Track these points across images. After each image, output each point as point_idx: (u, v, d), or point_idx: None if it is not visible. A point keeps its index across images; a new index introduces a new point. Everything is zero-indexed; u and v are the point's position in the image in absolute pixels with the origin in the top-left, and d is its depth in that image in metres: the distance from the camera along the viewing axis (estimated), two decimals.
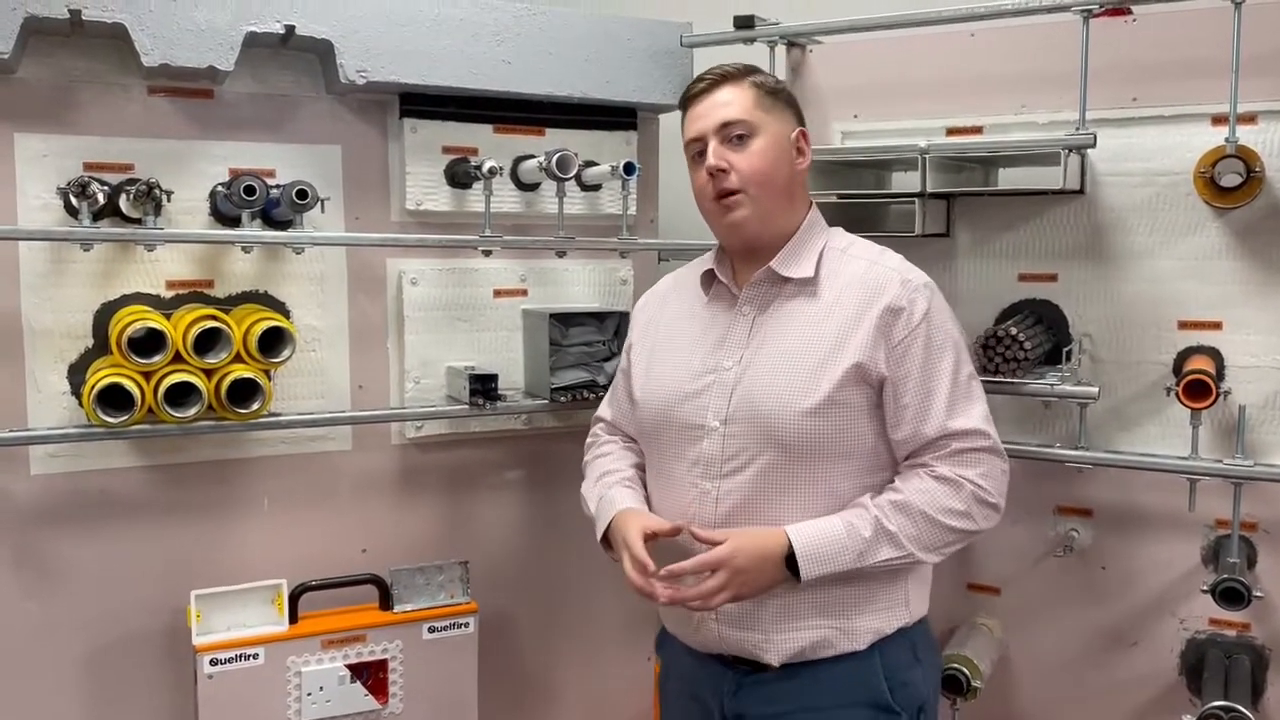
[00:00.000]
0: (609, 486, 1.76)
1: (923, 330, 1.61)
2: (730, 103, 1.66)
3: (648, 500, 1.75)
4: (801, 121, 1.73)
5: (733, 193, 1.64)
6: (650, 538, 1.61)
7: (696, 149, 1.69)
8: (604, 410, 1.93)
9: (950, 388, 1.62)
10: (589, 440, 1.92)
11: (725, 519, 1.61)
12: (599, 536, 1.71)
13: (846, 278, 1.66)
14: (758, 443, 1.61)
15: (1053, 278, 2.14)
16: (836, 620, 1.61)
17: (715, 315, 1.72)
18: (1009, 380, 2.00)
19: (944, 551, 1.63)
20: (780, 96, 1.71)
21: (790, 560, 1.55)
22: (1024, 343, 1.99)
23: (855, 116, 2.30)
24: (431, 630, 2.08)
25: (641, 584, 1.58)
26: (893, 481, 1.65)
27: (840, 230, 1.76)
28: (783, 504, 1.60)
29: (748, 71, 1.70)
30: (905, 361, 1.60)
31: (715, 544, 1.55)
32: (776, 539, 1.56)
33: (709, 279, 1.75)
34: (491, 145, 2.21)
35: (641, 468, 1.81)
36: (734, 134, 1.65)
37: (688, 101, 1.72)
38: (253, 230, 1.95)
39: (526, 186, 2.25)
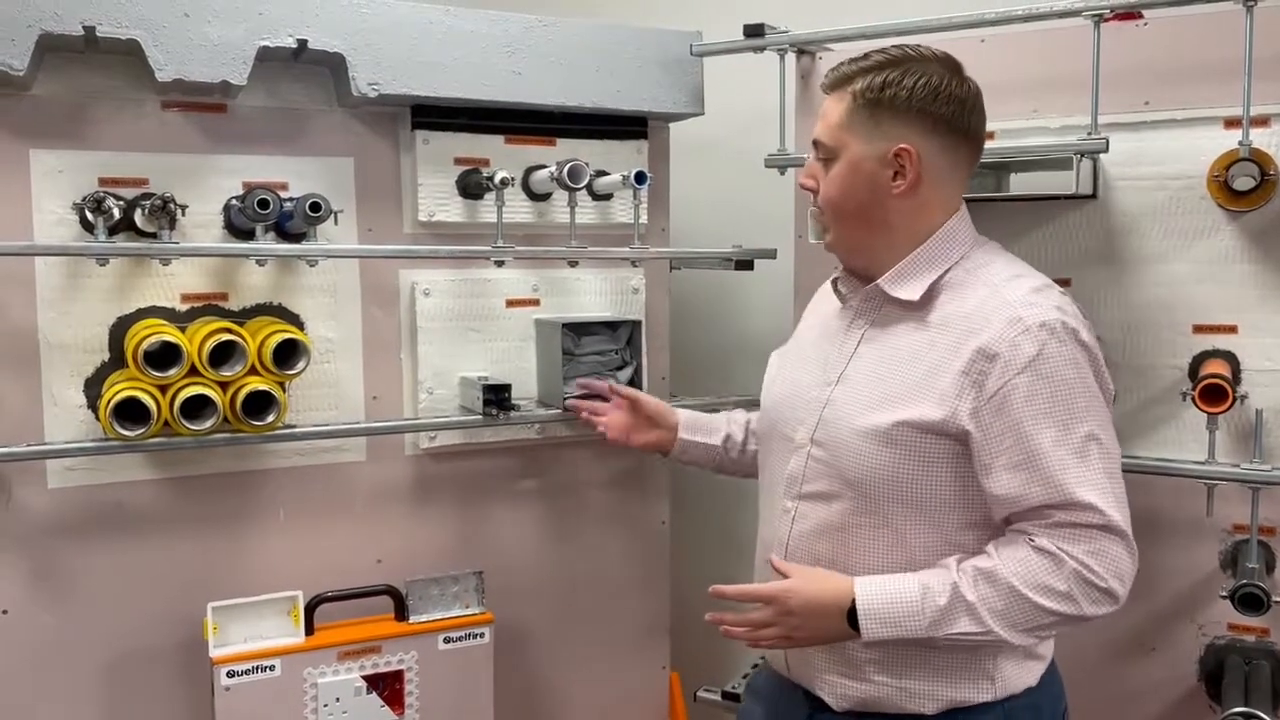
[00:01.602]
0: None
1: (1024, 381, 1.41)
2: (826, 115, 1.56)
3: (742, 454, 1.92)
4: (928, 130, 1.51)
5: (823, 211, 1.59)
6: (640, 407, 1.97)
7: None
8: None
9: (1053, 451, 1.41)
10: None
11: (797, 542, 1.56)
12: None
13: (957, 305, 1.50)
14: (831, 473, 1.53)
15: (1066, 283, 2.12)
16: (899, 680, 1.52)
17: (839, 322, 1.64)
18: None
19: (1037, 634, 1.46)
20: (884, 106, 1.50)
21: (853, 614, 1.45)
22: None
23: None
24: (447, 641, 2.08)
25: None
26: (979, 543, 1.50)
27: (991, 246, 1.60)
28: (848, 543, 1.52)
29: (860, 74, 1.53)
30: (1002, 416, 1.42)
31: (776, 568, 1.51)
32: (841, 590, 1.45)
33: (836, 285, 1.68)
34: (503, 156, 2.21)
35: (744, 426, 1.93)
36: (820, 155, 1.57)
37: None
38: (266, 243, 1.96)
39: (538, 196, 2.25)
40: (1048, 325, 1.43)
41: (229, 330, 1.89)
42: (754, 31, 2.27)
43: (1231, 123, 1.91)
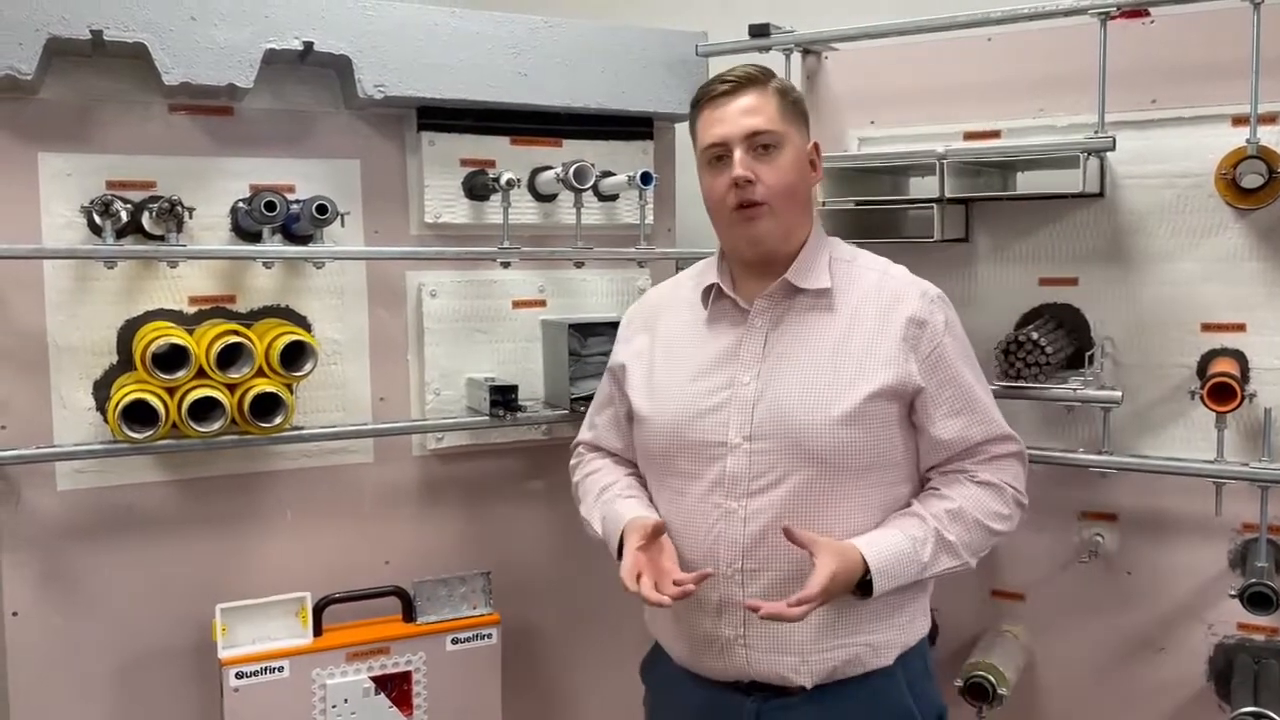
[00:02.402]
0: (610, 502, 1.73)
1: (948, 340, 1.62)
2: (758, 110, 1.61)
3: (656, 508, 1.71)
4: (807, 136, 1.70)
5: (756, 204, 1.60)
6: (649, 542, 1.57)
7: (716, 154, 1.62)
8: (583, 435, 1.89)
9: (980, 395, 1.65)
10: (573, 463, 1.90)
11: (756, 538, 1.57)
12: (614, 554, 1.65)
13: (861, 289, 1.65)
14: (789, 459, 1.57)
15: (1073, 281, 2.12)
16: (867, 635, 1.59)
17: (721, 329, 1.68)
18: (1031, 385, 1.99)
19: (982, 554, 1.66)
20: (800, 108, 1.68)
21: (863, 578, 1.53)
22: (1045, 347, 1.98)
23: (872, 123, 2.30)
24: (455, 641, 2.08)
25: (634, 589, 1.53)
26: (919, 490, 1.66)
27: (839, 240, 1.75)
28: (817, 519, 1.56)
29: (770, 76, 1.66)
30: (938, 371, 1.61)
31: (801, 542, 1.49)
32: (857, 560, 1.52)
33: (708, 294, 1.70)
34: (509, 157, 2.22)
35: (635, 475, 1.78)
36: (761, 144, 1.60)
37: (706, 102, 1.65)
38: (273, 245, 1.97)
39: (544, 197, 2.25)
40: (941, 296, 1.67)
41: (236, 332, 1.89)
42: (759, 32, 2.27)
43: (1239, 120, 1.91)
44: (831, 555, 1.50)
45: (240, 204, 1.99)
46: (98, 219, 1.84)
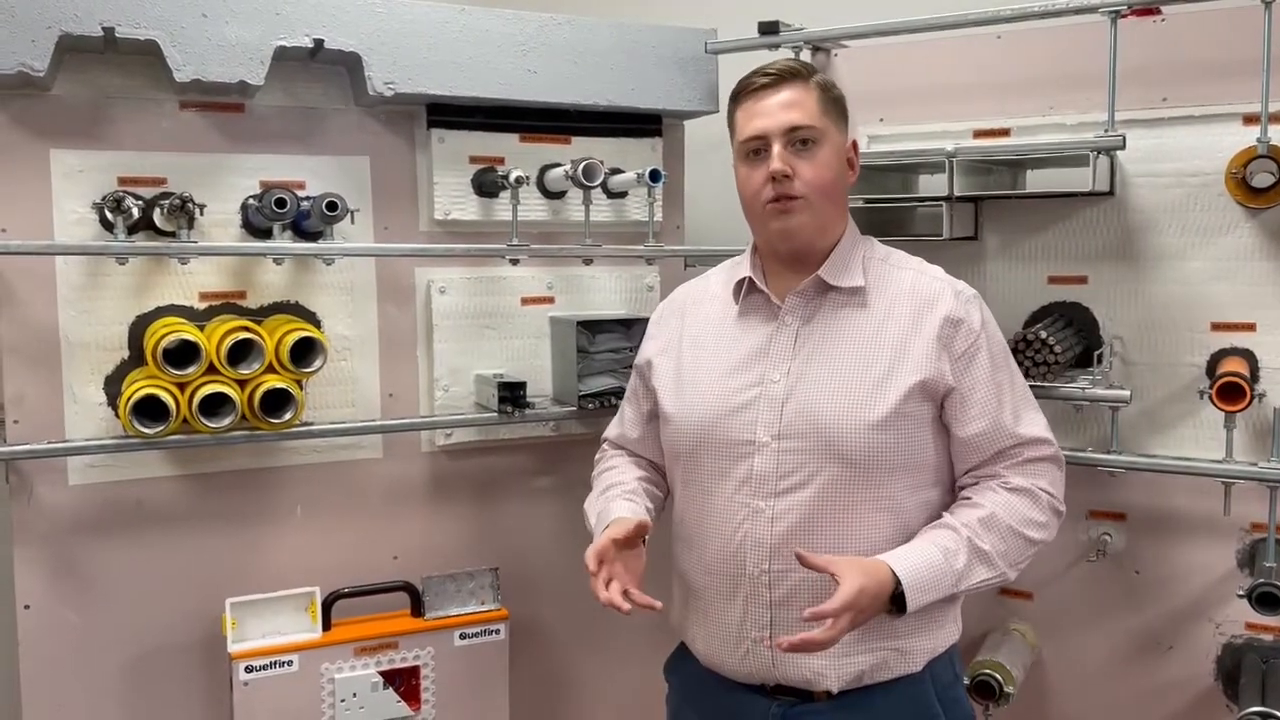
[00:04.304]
0: (609, 500, 1.72)
1: (983, 340, 1.60)
2: (798, 104, 1.59)
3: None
4: (846, 133, 1.69)
5: (792, 198, 1.59)
6: (622, 544, 1.58)
7: (753, 147, 1.61)
8: (611, 430, 1.91)
9: (1014, 396, 1.62)
10: (597, 457, 1.92)
11: (783, 537, 1.56)
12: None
13: (896, 288, 1.63)
14: (818, 458, 1.56)
15: (1083, 280, 2.12)
16: (895, 641, 1.57)
17: (751, 326, 1.67)
18: (1039, 384, 1.98)
19: (1022, 566, 1.60)
20: (840, 105, 1.66)
21: (895, 593, 1.49)
22: (1054, 346, 1.98)
23: (881, 120, 2.29)
24: (463, 637, 2.09)
25: (593, 570, 1.57)
26: (951, 494, 1.63)
27: (874, 240, 1.74)
28: (845, 520, 1.55)
29: (811, 71, 1.65)
30: (971, 371, 1.59)
31: (816, 567, 1.46)
32: (885, 574, 1.48)
33: (740, 288, 1.70)
34: (518, 154, 2.22)
35: (648, 479, 1.79)
36: (799, 139, 1.59)
37: (745, 95, 1.64)
38: (283, 242, 1.98)
39: (553, 195, 2.26)
40: (976, 297, 1.66)
41: (247, 328, 1.90)
42: (769, 29, 2.26)
43: (1250, 119, 1.90)
44: (857, 571, 1.45)
45: (251, 200, 2.00)
46: (109, 215, 1.85)
